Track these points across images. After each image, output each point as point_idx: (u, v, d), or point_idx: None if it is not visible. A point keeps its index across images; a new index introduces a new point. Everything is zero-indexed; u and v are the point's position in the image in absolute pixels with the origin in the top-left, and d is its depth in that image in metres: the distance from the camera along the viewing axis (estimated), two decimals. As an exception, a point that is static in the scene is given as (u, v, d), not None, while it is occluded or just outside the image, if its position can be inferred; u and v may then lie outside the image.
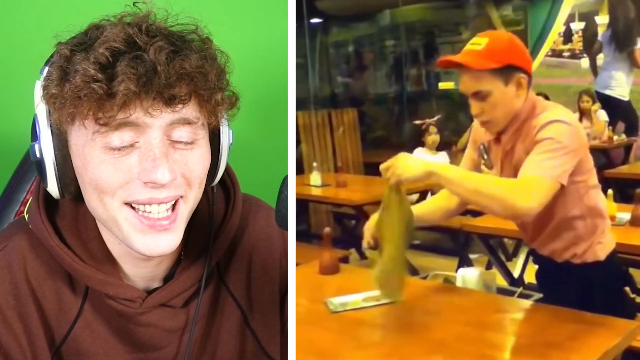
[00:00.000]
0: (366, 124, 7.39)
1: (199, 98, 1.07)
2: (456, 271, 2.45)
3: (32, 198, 1.17)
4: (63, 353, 1.17)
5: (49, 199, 1.15)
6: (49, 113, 1.06)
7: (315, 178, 4.51)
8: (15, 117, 1.63)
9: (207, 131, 1.12)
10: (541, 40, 6.87)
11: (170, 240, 1.09)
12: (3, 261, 1.14)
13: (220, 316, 1.26)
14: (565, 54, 6.85)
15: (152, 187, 1.04)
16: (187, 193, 1.09)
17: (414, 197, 4.43)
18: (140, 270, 1.18)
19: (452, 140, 6.02)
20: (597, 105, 6.03)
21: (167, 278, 1.21)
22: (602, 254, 1.92)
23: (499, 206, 1.64)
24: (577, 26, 6.75)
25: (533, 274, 2.22)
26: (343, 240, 4.74)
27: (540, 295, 2.24)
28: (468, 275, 2.21)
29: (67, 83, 1.00)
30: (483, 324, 1.78)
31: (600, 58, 6.61)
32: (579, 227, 1.88)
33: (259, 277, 1.28)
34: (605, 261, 1.92)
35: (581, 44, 6.76)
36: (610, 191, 2.83)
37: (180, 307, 1.21)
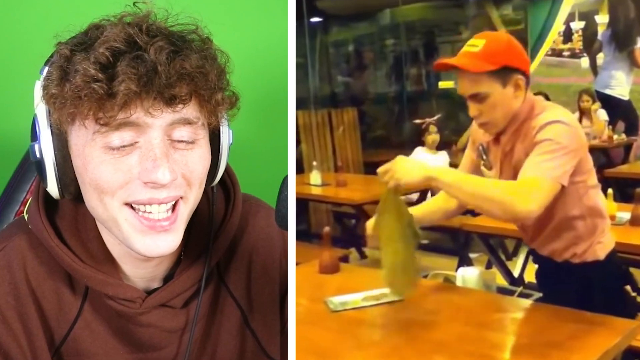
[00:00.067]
0: (366, 124, 7.39)
1: (200, 98, 1.07)
2: (456, 270, 2.45)
3: (32, 198, 1.17)
4: (63, 353, 1.17)
5: (49, 199, 1.15)
6: (49, 113, 1.06)
7: (315, 177, 4.51)
8: (15, 117, 1.63)
9: (207, 131, 1.12)
10: (541, 39, 6.87)
11: (170, 241, 1.08)
12: (3, 261, 1.14)
13: (220, 316, 1.26)
14: (565, 54, 6.85)
15: (153, 187, 1.04)
16: (187, 193, 1.09)
17: (414, 197, 4.43)
18: (140, 270, 1.18)
19: (452, 139, 6.03)
20: (597, 104, 6.02)
21: (167, 278, 1.21)
22: (602, 254, 1.92)
23: (499, 209, 1.64)
24: (577, 25, 6.74)
25: (533, 274, 2.22)
26: (343, 239, 4.74)
27: (540, 294, 2.24)
28: (468, 274, 2.21)
29: (67, 83, 1.00)
30: (483, 324, 1.78)
31: (600, 57, 6.60)
32: (579, 227, 1.88)
33: (259, 277, 1.28)
34: (604, 261, 1.92)
35: (581, 44, 6.76)
36: (610, 191, 2.83)
37: (180, 308, 1.21)
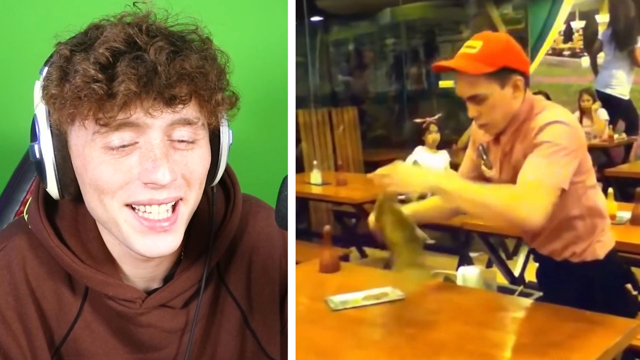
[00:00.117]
0: (366, 123, 7.38)
1: (200, 98, 1.07)
2: (456, 269, 2.45)
3: (32, 198, 1.17)
4: (63, 353, 1.17)
5: (49, 200, 1.14)
6: (49, 113, 1.05)
7: (315, 176, 4.51)
8: (15, 117, 1.62)
9: (207, 131, 1.11)
10: (541, 38, 6.86)
11: (170, 241, 1.08)
12: (2, 261, 1.14)
13: (220, 316, 1.26)
14: (565, 53, 6.84)
15: (152, 188, 1.04)
16: (187, 194, 1.09)
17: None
18: (140, 270, 1.18)
19: (453, 138, 6.02)
20: (598, 104, 6.02)
21: (167, 278, 1.21)
22: (602, 253, 1.92)
23: (503, 220, 1.70)
24: (578, 25, 6.73)
25: (534, 272, 2.22)
26: (343, 238, 4.74)
27: (540, 293, 2.24)
28: (468, 273, 2.21)
29: (67, 83, 1.00)
30: (483, 323, 1.78)
31: (600, 57, 6.60)
32: (579, 227, 1.88)
33: (259, 278, 1.28)
34: (604, 260, 1.92)
35: (582, 43, 6.75)
36: (610, 190, 2.83)
37: (180, 308, 1.21)
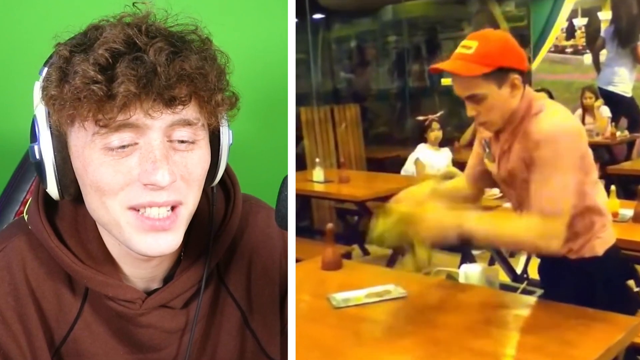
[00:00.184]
0: (368, 120, 7.38)
1: (199, 99, 1.06)
2: (459, 267, 2.45)
3: (32, 199, 1.17)
4: (63, 354, 1.17)
5: (49, 200, 1.14)
6: (48, 114, 1.05)
7: (317, 174, 4.50)
8: (15, 117, 1.62)
9: (207, 132, 1.11)
10: (544, 36, 6.85)
11: (170, 240, 1.08)
12: (2, 262, 1.14)
13: (220, 317, 1.26)
14: (568, 50, 6.83)
15: (152, 189, 1.03)
16: (186, 197, 1.09)
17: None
18: (140, 271, 1.17)
19: (455, 136, 6.01)
20: (600, 101, 6.01)
21: (167, 279, 1.21)
22: (601, 250, 1.91)
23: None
24: (580, 22, 6.73)
25: (536, 270, 2.22)
26: (346, 236, 4.73)
27: (542, 291, 2.24)
28: (471, 271, 2.22)
29: (67, 84, 0.99)
30: (485, 320, 1.79)
31: (603, 54, 6.59)
32: (576, 224, 1.87)
33: (259, 278, 1.28)
34: (603, 256, 1.91)
35: (584, 40, 6.74)
36: (613, 187, 2.83)
37: (180, 308, 1.21)
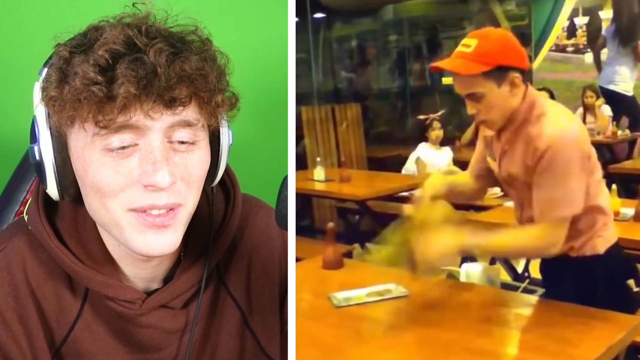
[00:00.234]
0: (369, 119, 7.37)
1: (199, 100, 1.06)
2: (460, 266, 2.45)
3: (32, 199, 1.17)
4: (63, 354, 1.17)
5: (49, 200, 1.14)
6: (48, 115, 1.05)
7: (318, 173, 4.49)
8: (15, 117, 1.63)
9: (207, 132, 1.11)
10: (545, 35, 6.85)
11: (170, 239, 1.08)
12: (2, 262, 1.14)
13: (219, 317, 1.26)
14: (569, 49, 6.83)
15: (152, 190, 1.03)
16: (186, 198, 1.08)
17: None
18: (140, 271, 1.17)
19: (456, 135, 6.01)
20: (601, 100, 6.01)
21: (167, 279, 1.21)
22: (602, 248, 1.90)
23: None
24: (581, 21, 6.72)
25: (537, 269, 2.22)
26: (347, 235, 4.73)
27: (543, 290, 2.24)
28: (472, 270, 2.22)
29: (67, 85, 0.99)
30: (486, 319, 1.79)
31: (604, 53, 6.59)
32: (579, 222, 1.86)
33: (259, 278, 1.28)
34: (605, 255, 1.90)
35: (585, 39, 6.74)
36: (614, 186, 2.82)
37: (180, 308, 1.21)
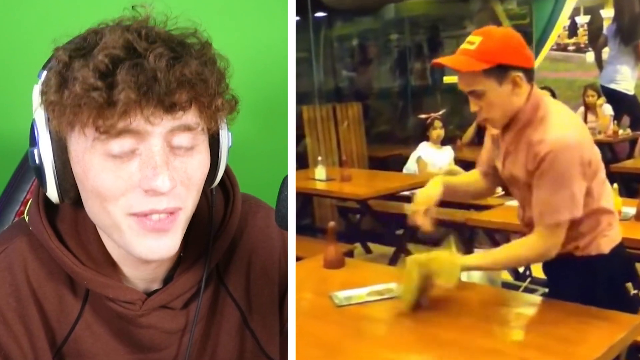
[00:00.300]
0: (370, 118, 7.36)
1: (199, 104, 1.05)
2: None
3: (32, 200, 1.17)
4: (64, 354, 1.17)
5: (49, 201, 1.14)
6: (48, 119, 1.05)
7: (319, 172, 4.49)
8: (15, 118, 1.63)
9: (207, 136, 1.11)
10: (546, 34, 6.85)
11: (169, 243, 1.08)
12: (4, 263, 1.14)
13: (219, 317, 1.26)
14: (570, 48, 6.83)
15: (152, 195, 1.03)
16: (186, 202, 1.08)
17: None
18: (140, 272, 1.18)
19: (457, 134, 6.02)
20: (602, 99, 6.01)
21: (167, 280, 1.21)
22: (606, 248, 1.90)
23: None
24: (582, 20, 6.72)
25: (539, 268, 2.22)
26: (348, 234, 4.74)
27: (545, 289, 2.24)
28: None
29: (66, 90, 0.99)
30: (487, 318, 1.79)
31: (605, 52, 6.59)
32: (584, 223, 1.86)
33: (259, 278, 1.28)
34: (609, 255, 1.90)
35: (586, 38, 6.74)
36: (615, 185, 2.81)
37: (180, 309, 1.21)
